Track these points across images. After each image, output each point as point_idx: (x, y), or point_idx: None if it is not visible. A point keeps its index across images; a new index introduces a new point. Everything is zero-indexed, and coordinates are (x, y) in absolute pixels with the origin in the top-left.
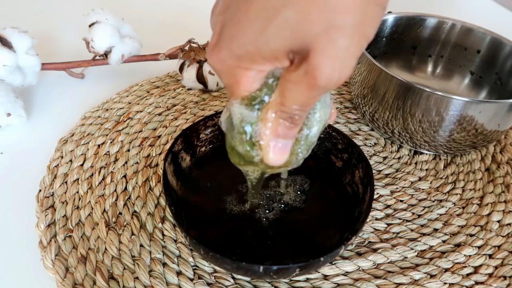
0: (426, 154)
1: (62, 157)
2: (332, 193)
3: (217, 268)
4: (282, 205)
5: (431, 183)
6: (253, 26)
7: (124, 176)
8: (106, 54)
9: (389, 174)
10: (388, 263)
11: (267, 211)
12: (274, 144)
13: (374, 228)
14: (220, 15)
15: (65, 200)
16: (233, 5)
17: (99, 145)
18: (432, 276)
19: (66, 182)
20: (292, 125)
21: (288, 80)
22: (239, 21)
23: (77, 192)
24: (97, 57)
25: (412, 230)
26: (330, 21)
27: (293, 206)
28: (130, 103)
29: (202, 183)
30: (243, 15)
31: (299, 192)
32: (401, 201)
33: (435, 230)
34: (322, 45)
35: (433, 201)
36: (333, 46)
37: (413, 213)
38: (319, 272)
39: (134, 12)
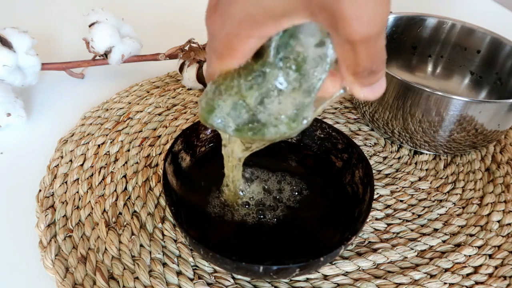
0: (426, 154)
1: (62, 157)
2: (332, 193)
3: (217, 268)
4: (282, 205)
5: (431, 183)
6: None
7: (124, 176)
8: (106, 54)
9: (389, 174)
10: (388, 263)
11: (267, 211)
12: (366, 90)
13: (374, 228)
14: None
15: (65, 200)
16: None
17: (99, 145)
18: (432, 276)
19: (66, 182)
20: (373, 75)
21: (336, 46)
22: None
23: (77, 192)
24: (97, 57)
25: (412, 230)
26: None
27: (293, 206)
28: (130, 103)
29: (202, 183)
30: None
31: (299, 192)
32: (401, 201)
33: (435, 230)
34: None
35: (433, 201)
36: None
37: (413, 213)
38: (319, 272)
39: (134, 12)
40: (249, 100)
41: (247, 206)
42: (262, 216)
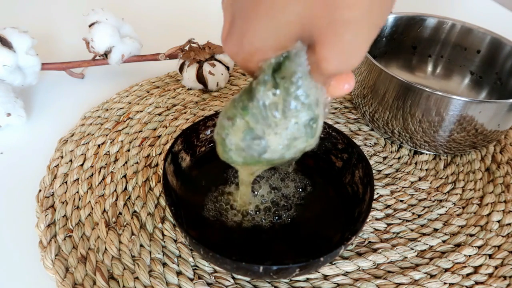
0: (426, 154)
1: (62, 157)
2: (332, 193)
3: (217, 268)
4: (282, 205)
5: (431, 183)
6: (263, 24)
7: (124, 176)
8: (106, 54)
9: (389, 174)
10: (388, 263)
11: (267, 211)
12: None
13: (374, 228)
14: (228, 7)
15: (65, 200)
16: (239, 0)
17: (99, 145)
18: (432, 276)
19: (66, 182)
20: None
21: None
22: (248, 18)
23: (77, 192)
24: (97, 57)
25: (412, 230)
26: (336, 16)
27: (293, 206)
28: (130, 103)
29: (202, 183)
30: (251, 12)
31: (299, 192)
32: (401, 201)
33: (435, 230)
34: (328, 38)
35: (433, 201)
36: (340, 40)
37: (413, 213)
38: (319, 272)
39: (134, 12)
40: (253, 125)
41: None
42: (262, 216)
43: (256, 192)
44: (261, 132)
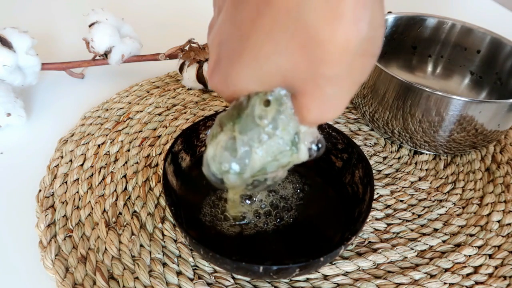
0: (426, 154)
1: (62, 157)
2: (332, 193)
3: (217, 268)
4: (282, 205)
5: (431, 183)
6: (246, 71)
7: (124, 176)
8: (106, 54)
9: (389, 174)
10: (388, 263)
11: (267, 212)
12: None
13: (374, 228)
14: (214, 46)
15: (65, 200)
16: (225, 43)
17: (99, 145)
18: (432, 276)
19: (66, 182)
20: None
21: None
22: (233, 63)
23: (77, 192)
24: (97, 57)
25: (412, 230)
26: (318, 71)
27: (293, 206)
28: (130, 103)
29: (202, 183)
30: (236, 58)
31: (298, 192)
32: (401, 201)
33: (435, 230)
34: (309, 89)
35: (433, 201)
36: (321, 92)
37: (413, 213)
38: (319, 272)
39: (134, 12)
40: (239, 136)
41: (247, 203)
42: (262, 216)
43: (254, 199)
44: (245, 143)
